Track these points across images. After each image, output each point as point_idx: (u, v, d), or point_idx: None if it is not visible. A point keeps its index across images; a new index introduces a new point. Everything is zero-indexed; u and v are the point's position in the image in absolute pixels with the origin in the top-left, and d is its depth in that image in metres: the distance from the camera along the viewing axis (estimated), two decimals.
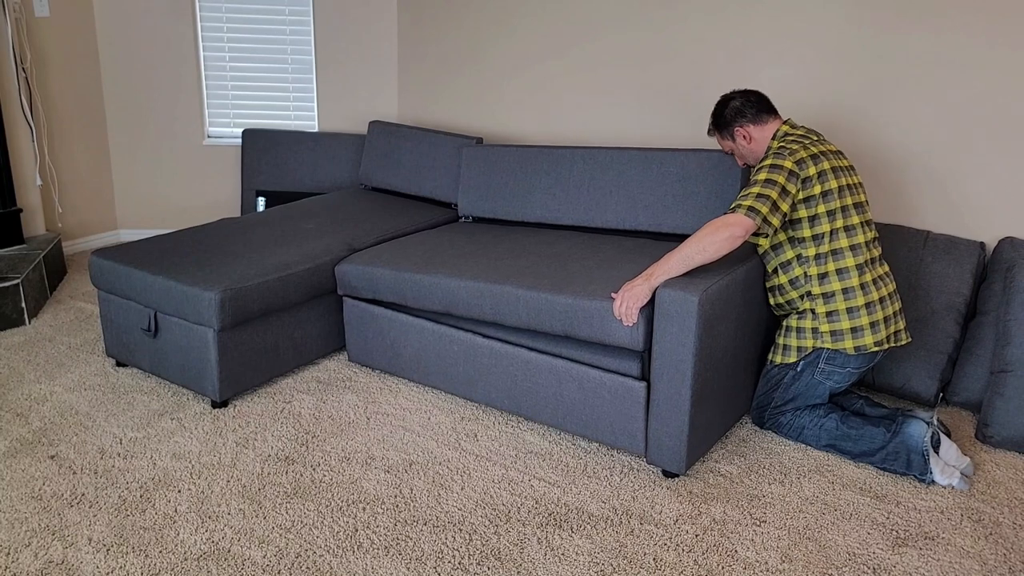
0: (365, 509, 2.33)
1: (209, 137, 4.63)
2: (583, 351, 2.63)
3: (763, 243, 2.65)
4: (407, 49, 4.45)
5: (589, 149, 3.32)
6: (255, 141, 4.38)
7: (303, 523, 2.26)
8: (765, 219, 2.43)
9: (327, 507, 2.33)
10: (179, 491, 2.39)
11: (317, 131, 4.47)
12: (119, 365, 3.19)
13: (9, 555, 2.10)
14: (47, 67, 4.18)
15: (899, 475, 2.56)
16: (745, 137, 2.70)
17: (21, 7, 3.94)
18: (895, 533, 2.29)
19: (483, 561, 2.13)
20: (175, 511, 2.30)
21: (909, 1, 2.99)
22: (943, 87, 2.99)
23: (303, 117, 4.62)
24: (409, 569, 2.09)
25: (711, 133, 2.83)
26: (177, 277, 2.84)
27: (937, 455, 2.52)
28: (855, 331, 2.55)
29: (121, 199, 4.65)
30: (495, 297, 2.72)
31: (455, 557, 2.14)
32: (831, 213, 2.52)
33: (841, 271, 2.55)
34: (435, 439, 2.72)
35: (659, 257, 2.87)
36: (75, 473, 2.47)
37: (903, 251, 3.02)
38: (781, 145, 2.59)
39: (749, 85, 3.39)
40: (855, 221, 2.56)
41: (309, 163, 4.35)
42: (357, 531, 2.23)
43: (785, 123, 2.68)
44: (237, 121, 4.61)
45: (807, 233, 2.55)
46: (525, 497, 2.41)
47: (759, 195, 2.44)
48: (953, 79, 2.96)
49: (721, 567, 2.14)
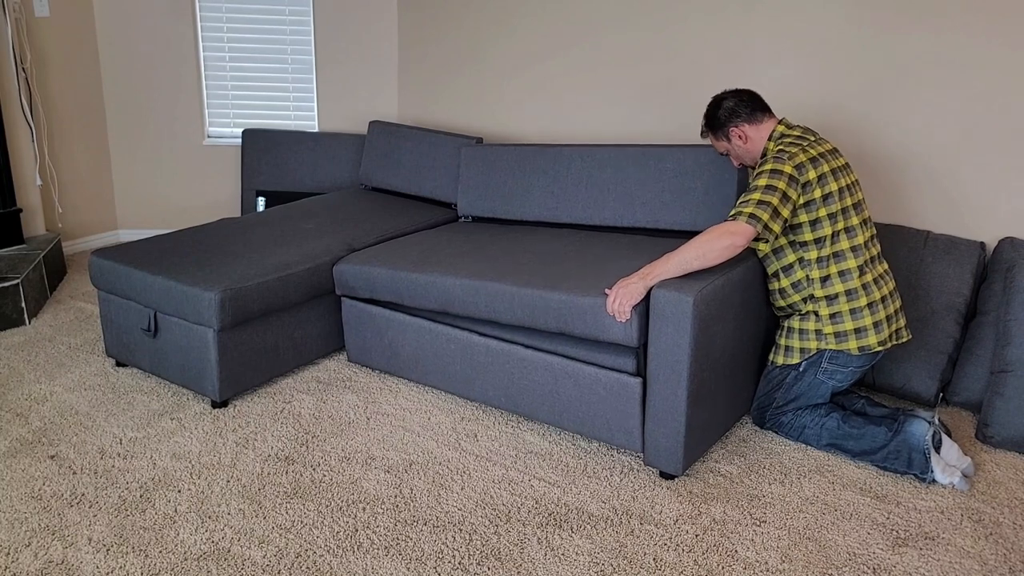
0: (365, 509, 2.33)
1: (209, 137, 4.63)
2: (578, 348, 2.63)
3: (763, 248, 2.64)
4: (407, 49, 4.45)
5: (587, 147, 3.32)
6: (255, 141, 4.38)
7: (303, 523, 2.26)
8: (766, 226, 2.42)
9: (327, 507, 2.33)
10: (179, 491, 2.39)
11: (317, 131, 4.47)
12: (119, 365, 3.19)
13: (9, 555, 2.10)
14: (47, 67, 4.18)
15: (900, 474, 2.56)
16: (741, 137, 2.68)
17: (21, 7, 3.94)
18: (895, 533, 2.29)
19: (483, 561, 2.13)
20: (175, 511, 2.30)
21: (909, 1, 2.99)
22: (943, 87, 2.99)
23: (303, 117, 4.62)
24: (409, 569, 2.09)
25: (704, 135, 2.81)
26: (177, 277, 2.84)
27: (938, 455, 2.52)
28: (859, 331, 2.55)
29: (121, 199, 4.65)
30: (490, 295, 2.72)
31: (455, 557, 2.14)
32: (832, 216, 2.52)
33: (843, 273, 2.55)
34: (435, 439, 2.72)
35: (653, 254, 2.87)
36: (75, 473, 2.47)
37: (903, 251, 3.02)
38: (780, 148, 2.57)
39: (749, 85, 3.38)
40: (855, 222, 2.56)
41: (309, 163, 4.35)
42: (357, 531, 2.23)
43: (780, 123, 2.66)
44: (237, 121, 4.61)
45: (809, 236, 2.55)
46: (525, 497, 2.41)
47: (760, 202, 2.43)
48: (953, 79, 2.96)
49: (721, 567, 2.14)
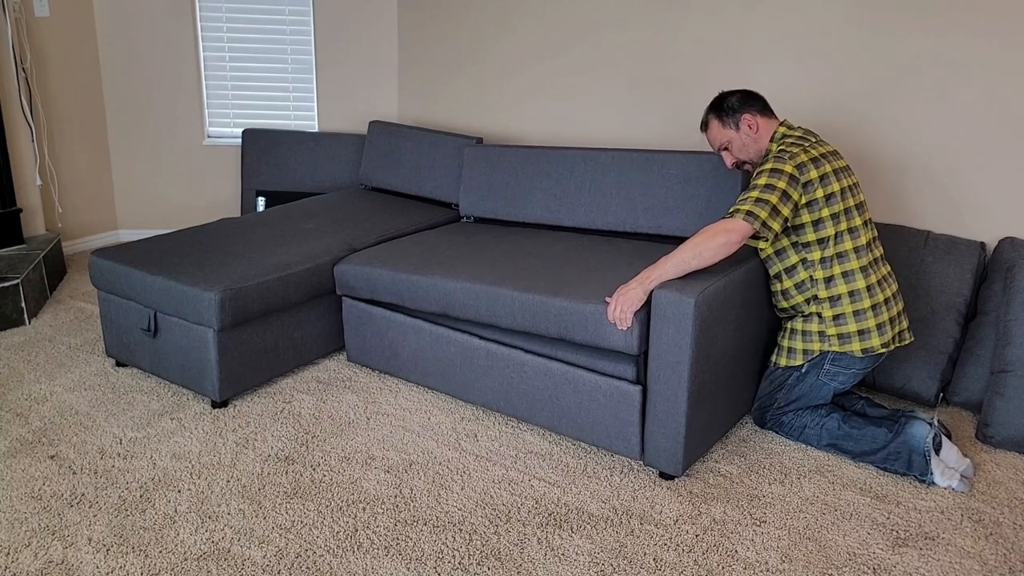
0: (365, 509, 2.33)
1: (209, 137, 4.63)
2: (579, 354, 2.63)
3: (765, 247, 2.63)
4: (407, 49, 4.45)
5: (590, 150, 3.31)
6: (255, 141, 4.38)
7: (303, 523, 2.26)
8: (764, 223, 2.41)
9: (327, 507, 2.33)
10: (179, 491, 2.39)
11: (317, 131, 4.47)
12: (119, 365, 3.19)
13: (9, 555, 2.10)
14: (47, 67, 4.18)
15: (899, 475, 2.56)
16: (751, 126, 2.65)
17: (21, 7, 3.94)
18: (895, 533, 2.29)
19: (483, 561, 2.13)
20: (175, 511, 2.30)
21: (909, 1, 2.99)
22: (943, 87, 2.99)
23: (303, 117, 4.62)
24: (409, 569, 2.09)
25: (706, 127, 2.75)
26: (177, 277, 2.84)
27: (938, 457, 2.52)
28: (862, 333, 2.55)
29: (121, 199, 4.65)
30: (491, 299, 2.72)
31: (455, 557, 2.14)
32: (835, 216, 2.51)
33: (847, 274, 2.54)
34: (435, 439, 2.72)
35: (656, 260, 2.87)
36: (75, 473, 2.47)
37: (903, 251, 3.02)
38: (781, 148, 2.57)
39: (749, 86, 3.38)
40: (858, 222, 2.55)
41: (309, 163, 4.35)
42: (357, 531, 2.23)
43: (782, 124, 2.66)
44: (237, 121, 4.61)
45: (811, 237, 2.54)
46: (525, 497, 2.41)
47: (758, 199, 2.43)
48: (953, 79, 2.96)
49: (721, 567, 2.14)
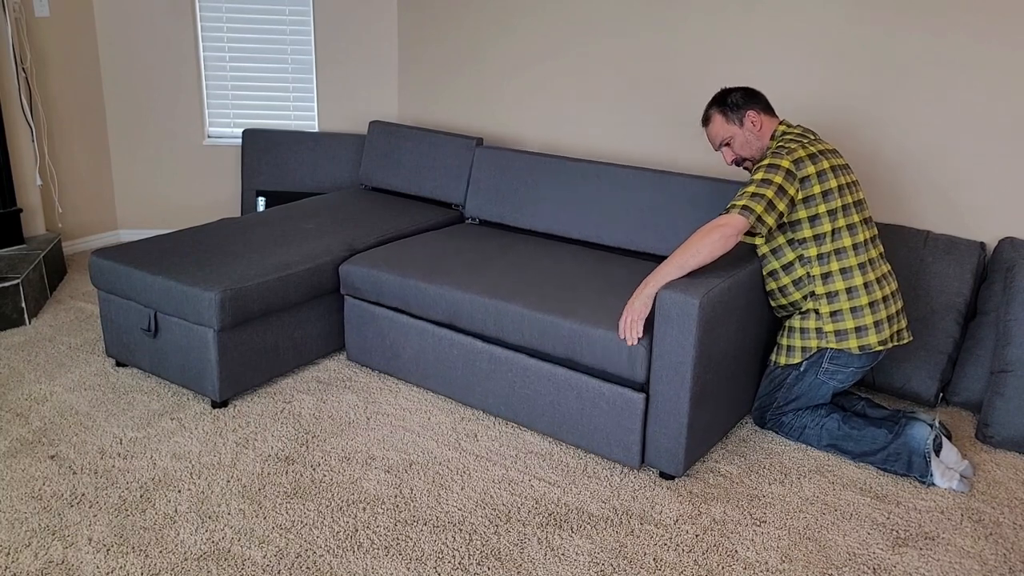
0: (365, 509, 2.33)
1: (209, 137, 4.63)
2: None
3: (761, 244, 2.63)
4: (407, 49, 4.45)
5: (604, 164, 3.32)
6: (255, 141, 4.38)
7: (303, 523, 2.26)
8: (759, 218, 2.42)
9: (327, 507, 2.33)
10: (179, 491, 2.39)
11: (317, 131, 4.47)
12: (119, 365, 3.19)
13: (9, 555, 2.10)
14: (47, 67, 4.18)
15: (899, 476, 2.56)
16: (755, 123, 2.66)
17: (21, 7, 3.94)
18: (895, 533, 2.29)
19: (483, 561, 2.13)
20: (175, 511, 2.30)
21: (909, 1, 2.99)
22: (943, 87, 2.99)
23: (303, 117, 4.62)
24: (409, 569, 2.09)
25: (708, 121, 2.73)
26: (177, 277, 2.84)
27: (938, 458, 2.52)
28: (859, 330, 2.55)
29: (121, 199, 4.65)
30: (499, 314, 2.71)
31: (455, 557, 2.14)
32: (832, 212, 2.52)
33: (844, 270, 2.55)
34: (435, 439, 2.72)
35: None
36: (75, 473, 2.47)
37: (903, 251, 3.02)
38: (779, 145, 2.58)
39: (749, 85, 3.38)
40: (856, 219, 2.56)
41: (309, 163, 4.35)
42: (357, 531, 2.23)
43: (781, 123, 2.68)
44: (237, 121, 4.61)
45: (808, 233, 2.55)
46: (525, 497, 2.41)
47: (754, 194, 2.44)
48: (953, 79, 2.96)
49: (721, 567, 2.14)
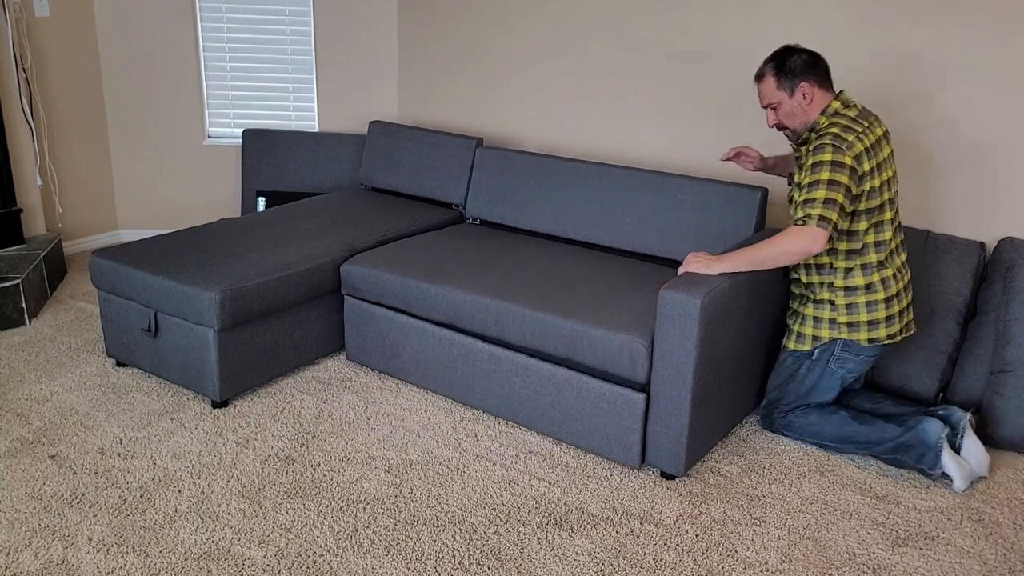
0: (365, 509, 2.33)
1: (209, 137, 4.63)
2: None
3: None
4: (407, 49, 4.45)
5: (605, 166, 3.32)
6: (255, 141, 4.38)
7: (303, 523, 2.26)
8: (835, 225, 2.39)
9: (327, 507, 2.33)
10: (179, 491, 2.39)
11: (317, 131, 4.47)
12: (119, 365, 3.19)
13: (9, 555, 2.10)
14: (47, 67, 4.18)
15: (906, 468, 2.55)
16: (806, 96, 2.51)
17: (21, 7, 3.94)
18: (895, 533, 2.29)
19: (483, 561, 2.13)
20: (175, 511, 2.30)
21: (911, 1, 2.99)
22: (943, 87, 2.99)
23: (303, 117, 4.62)
24: (409, 569, 2.09)
25: (761, 78, 2.56)
26: (177, 277, 2.84)
27: (960, 455, 2.51)
28: (871, 324, 2.56)
29: (121, 199, 4.65)
30: (500, 314, 2.71)
31: (455, 557, 2.14)
32: (869, 211, 2.49)
33: (866, 266, 2.55)
34: (435, 439, 2.72)
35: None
36: (75, 473, 2.47)
37: None
38: (835, 132, 2.44)
39: (749, 85, 3.38)
40: (887, 217, 2.53)
41: (309, 163, 4.35)
42: (357, 531, 2.23)
43: (837, 98, 2.51)
44: (237, 121, 4.61)
45: (843, 225, 2.50)
46: (525, 497, 2.41)
47: (827, 200, 2.36)
48: (953, 79, 2.96)
49: (721, 567, 2.14)
